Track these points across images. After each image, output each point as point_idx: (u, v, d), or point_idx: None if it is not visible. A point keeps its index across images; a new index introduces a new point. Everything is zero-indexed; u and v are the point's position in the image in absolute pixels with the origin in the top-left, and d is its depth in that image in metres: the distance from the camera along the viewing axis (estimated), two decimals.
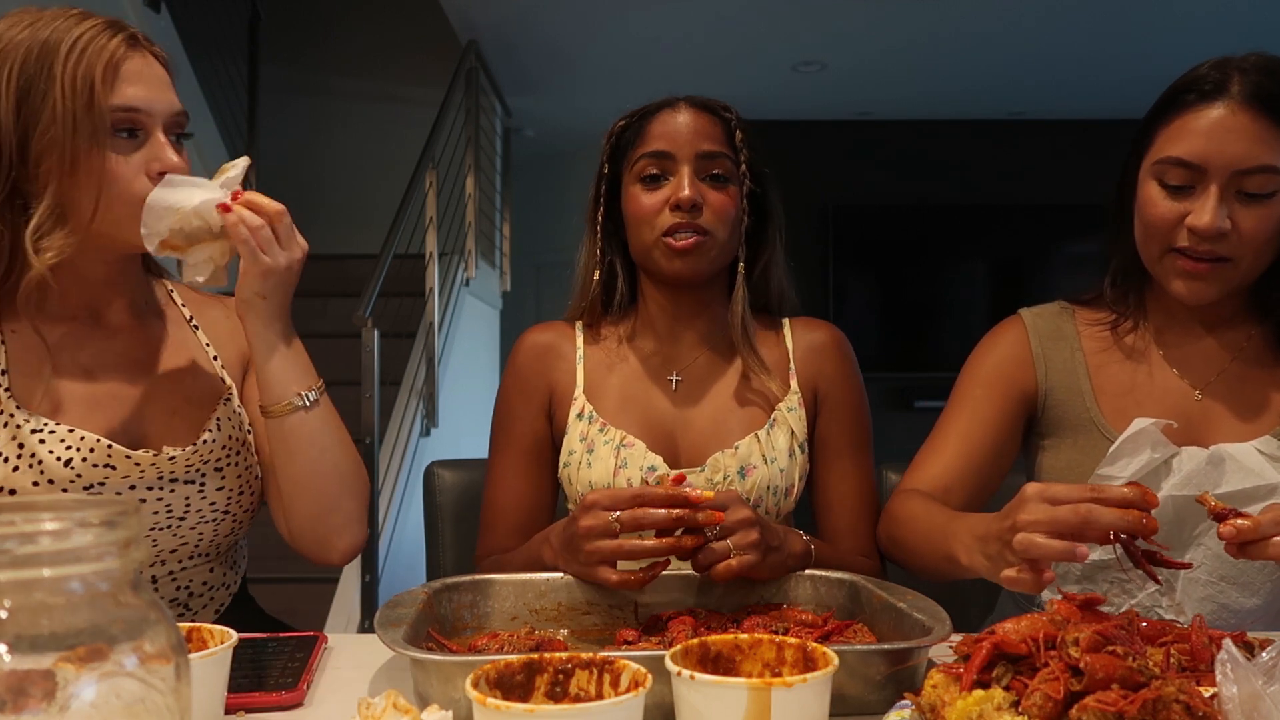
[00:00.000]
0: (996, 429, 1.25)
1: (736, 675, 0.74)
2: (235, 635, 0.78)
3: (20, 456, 1.04)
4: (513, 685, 0.68)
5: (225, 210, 1.05)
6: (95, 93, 1.01)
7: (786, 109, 6.06)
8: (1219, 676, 0.63)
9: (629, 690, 0.66)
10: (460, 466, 1.63)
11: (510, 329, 5.96)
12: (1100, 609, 0.77)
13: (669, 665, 0.68)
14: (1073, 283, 1.37)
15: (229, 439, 1.15)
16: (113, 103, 1.02)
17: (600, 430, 1.28)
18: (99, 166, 1.02)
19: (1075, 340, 1.26)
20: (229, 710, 0.81)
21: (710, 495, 1.00)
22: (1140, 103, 1.25)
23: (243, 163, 1.10)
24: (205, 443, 1.13)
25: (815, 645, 0.72)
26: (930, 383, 5.69)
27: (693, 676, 0.66)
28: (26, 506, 0.56)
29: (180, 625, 0.65)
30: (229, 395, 1.19)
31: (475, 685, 0.64)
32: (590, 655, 0.70)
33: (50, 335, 1.09)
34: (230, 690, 0.79)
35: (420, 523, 1.63)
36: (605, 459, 1.25)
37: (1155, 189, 1.13)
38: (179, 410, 1.15)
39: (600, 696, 0.68)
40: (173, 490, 1.10)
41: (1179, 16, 4.67)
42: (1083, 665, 0.62)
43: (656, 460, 1.25)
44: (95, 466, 1.06)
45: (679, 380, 1.32)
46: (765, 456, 1.25)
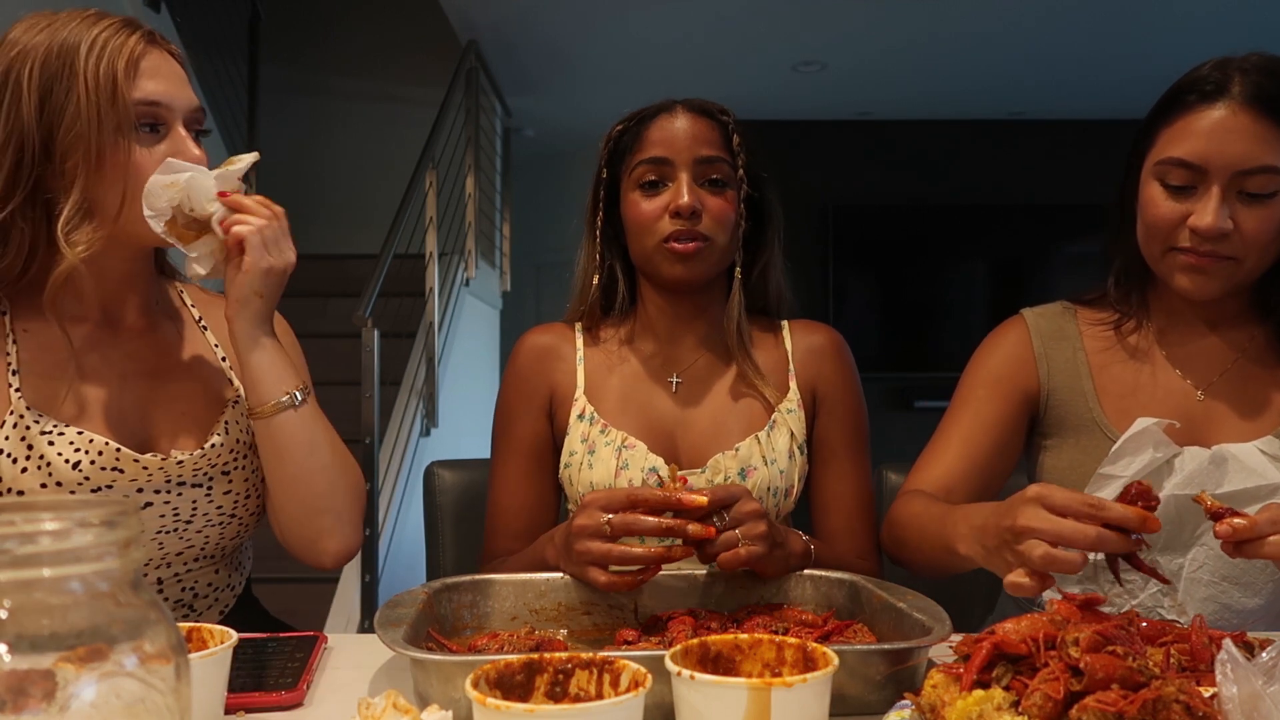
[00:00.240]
0: (999, 429, 1.25)
1: (736, 675, 0.73)
2: (235, 635, 0.78)
3: (29, 458, 1.04)
4: (513, 685, 0.68)
5: (225, 196, 1.05)
6: (119, 86, 1.02)
7: (787, 109, 6.06)
8: (1219, 676, 0.63)
9: (629, 690, 0.66)
10: (460, 466, 1.63)
11: (510, 329, 5.96)
12: (1100, 609, 0.77)
13: (669, 665, 0.68)
14: (1073, 283, 1.36)
15: (236, 442, 1.15)
16: (135, 97, 1.03)
17: (601, 431, 1.28)
18: (124, 160, 1.03)
19: (1077, 340, 1.26)
20: (229, 710, 0.81)
21: (703, 501, 0.99)
22: (1141, 103, 1.25)
23: (249, 158, 1.09)
24: (213, 446, 1.12)
25: (815, 645, 0.72)
26: (930, 383, 5.70)
27: (693, 676, 0.66)
28: (27, 506, 0.56)
29: (180, 625, 0.65)
30: (237, 398, 1.18)
31: (475, 685, 0.64)
32: (590, 655, 0.70)
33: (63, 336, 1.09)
34: (230, 690, 0.79)
35: (420, 523, 1.63)
36: (606, 460, 1.25)
37: (1157, 190, 1.13)
38: (187, 413, 1.15)
39: (600, 696, 0.68)
40: (179, 494, 1.10)
41: (1179, 16, 4.67)
42: (1083, 665, 0.62)
43: (658, 461, 1.25)
44: (103, 469, 1.05)
45: (679, 382, 1.32)
46: (766, 458, 1.25)
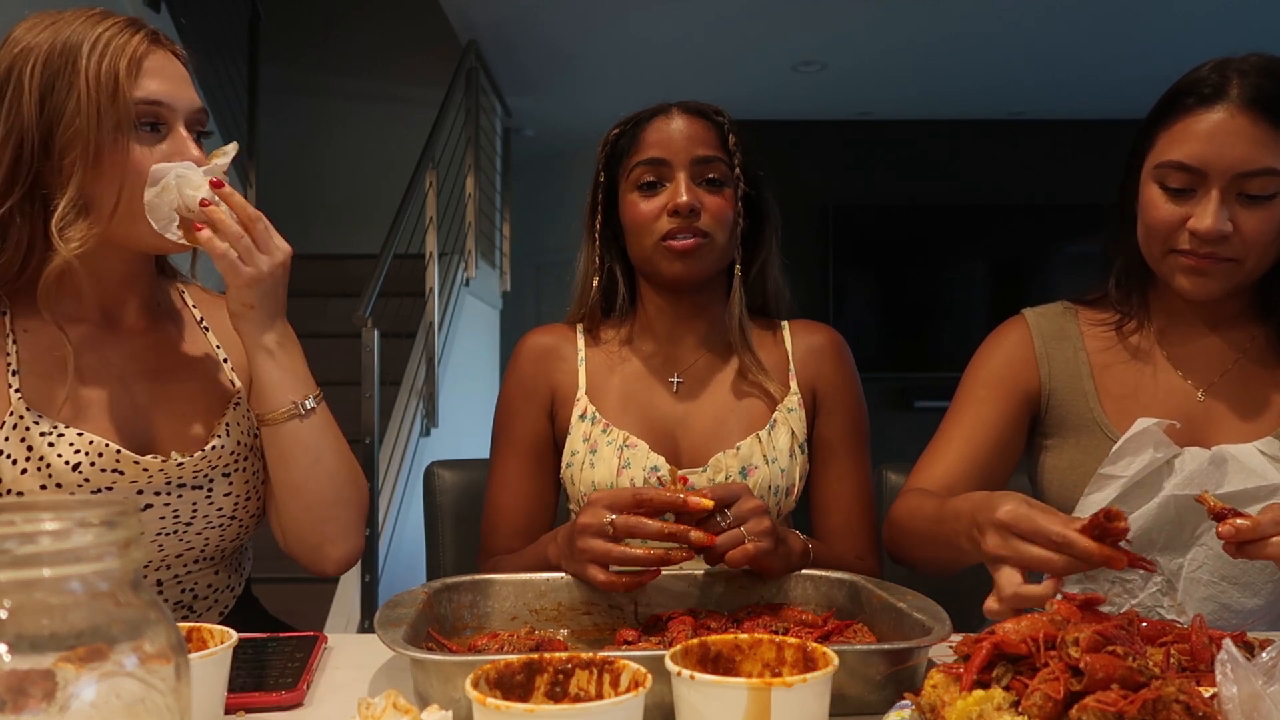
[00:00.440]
0: (1000, 429, 1.25)
1: (736, 675, 0.73)
2: (235, 635, 0.78)
3: (29, 459, 1.03)
4: (513, 685, 0.68)
5: (206, 205, 1.04)
6: (120, 85, 1.02)
7: (786, 109, 6.06)
8: (1219, 676, 0.63)
9: (629, 690, 0.66)
10: (460, 466, 1.63)
11: (510, 329, 5.96)
12: (1101, 609, 0.77)
13: (669, 665, 0.68)
14: (1073, 283, 1.37)
15: (237, 444, 1.14)
16: (137, 96, 1.03)
17: (603, 431, 1.28)
18: (122, 159, 1.02)
19: (1078, 340, 1.26)
20: (229, 710, 0.81)
21: (709, 504, 1.00)
22: (1140, 103, 1.25)
23: (231, 150, 1.09)
24: (214, 448, 1.12)
25: (815, 645, 0.72)
26: (930, 383, 5.69)
27: (693, 676, 0.66)
28: (27, 506, 0.55)
29: (180, 625, 0.65)
30: (238, 399, 1.18)
31: (475, 685, 0.64)
32: (590, 655, 0.69)
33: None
34: (230, 690, 0.79)
35: (420, 523, 1.63)
36: (608, 459, 1.26)
37: (1156, 192, 1.13)
38: (188, 415, 1.14)
39: (600, 696, 0.68)
40: (180, 496, 1.10)
41: (1179, 17, 4.67)
42: (1083, 665, 0.62)
43: (659, 461, 1.25)
44: (103, 471, 1.05)
45: (680, 381, 1.32)
46: (767, 457, 1.25)
